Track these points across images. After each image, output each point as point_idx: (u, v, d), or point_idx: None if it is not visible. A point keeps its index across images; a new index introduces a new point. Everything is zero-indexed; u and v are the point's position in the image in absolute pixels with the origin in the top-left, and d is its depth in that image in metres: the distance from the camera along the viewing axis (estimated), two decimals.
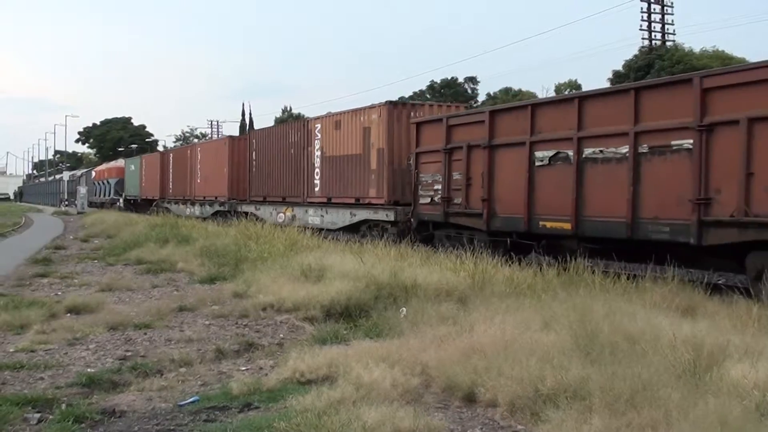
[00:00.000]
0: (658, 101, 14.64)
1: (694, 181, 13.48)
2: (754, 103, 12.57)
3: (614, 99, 16.02)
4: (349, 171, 27.08)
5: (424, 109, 26.14)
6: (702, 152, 13.39)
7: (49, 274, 18.24)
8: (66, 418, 7.01)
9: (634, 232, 14.69)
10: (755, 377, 6.68)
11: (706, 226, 13.34)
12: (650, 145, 14.56)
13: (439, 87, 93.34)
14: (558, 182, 16.72)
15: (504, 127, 18.66)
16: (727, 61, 51.39)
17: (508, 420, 6.75)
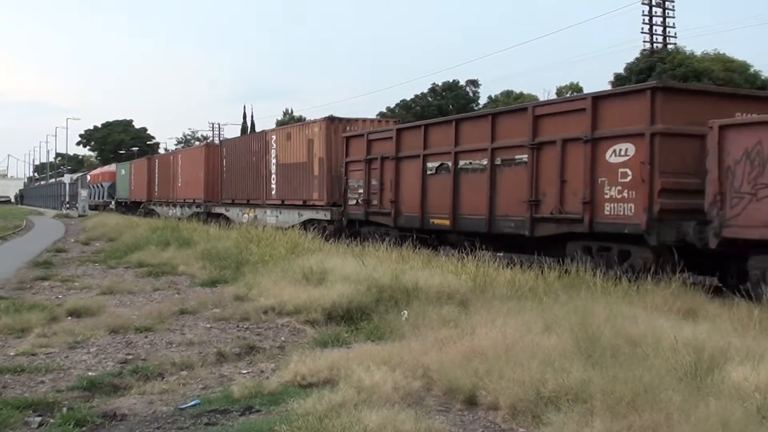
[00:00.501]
0: (506, 124, 18.95)
1: (529, 187, 17.58)
2: (566, 128, 16.77)
3: (479, 121, 20.49)
4: (298, 177, 30.86)
5: (358, 123, 29.57)
6: (533, 164, 17.54)
7: (50, 277, 18.22)
8: (67, 422, 7.01)
9: (492, 227, 18.86)
10: (756, 380, 6.69)
11: (537, 222, 17.41)
12: (502, 159, 18.73)
13: (440, 90, 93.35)
14: (442, 188, 21.00)
15: (406, 142, 23.05)
16: (729, 64, 51.46)
17: (509, 423, 6.75)
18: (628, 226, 15.08)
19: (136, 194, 61.05)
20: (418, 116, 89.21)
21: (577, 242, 16.51)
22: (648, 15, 62.84)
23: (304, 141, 30.68)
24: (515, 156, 18.23)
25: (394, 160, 23.22)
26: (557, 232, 16.94)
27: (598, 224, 15.80)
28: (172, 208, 49.63)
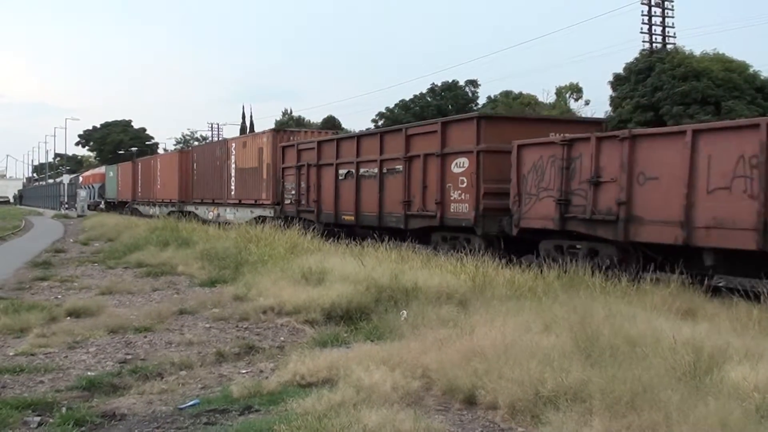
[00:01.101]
0: (390, 141, 23.86)
1: (404, 191, 22.38)
2: (427, 146, 21.58)
3: (372, 138, 25.74)
4: (251, 180, 35.64)
5: (299, 135, 34.93)
6: (406, 173, 22.37)
7: (49, 277, 18.22)
8: (66, 422, 7.02)
9: (381, 222, 23.73)
10: (755, 379, 6.69)
11: (409, 217, 22.20)
12: (387, 168, 23.63)
13: (439, 90, 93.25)
14: (348, 191, 25.85)
15: (325, 152, 28.02)
16: (728, 64, 51.40)
17: (508, 422, 6.76)
18: (464, 220, 19.85)
19: (123, 194, 66.08)
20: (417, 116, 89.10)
21: (437, 233, 21.43)
22: (647, 15, 62.86)
23: (256, 149, 35.44)
24: (395, 166, 23.18)
25: (316, 167, 28.44)
26: (422, 225, 21.80)
27: (447, 219, 20.64)
28: (152, 207, 54.78)
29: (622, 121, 50.92)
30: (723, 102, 48.07)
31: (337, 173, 26.70)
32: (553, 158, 17.31)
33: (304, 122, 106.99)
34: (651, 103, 51.21)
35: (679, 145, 14.24)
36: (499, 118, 24.43)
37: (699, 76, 49.81)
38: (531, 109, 69.49)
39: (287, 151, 31.42)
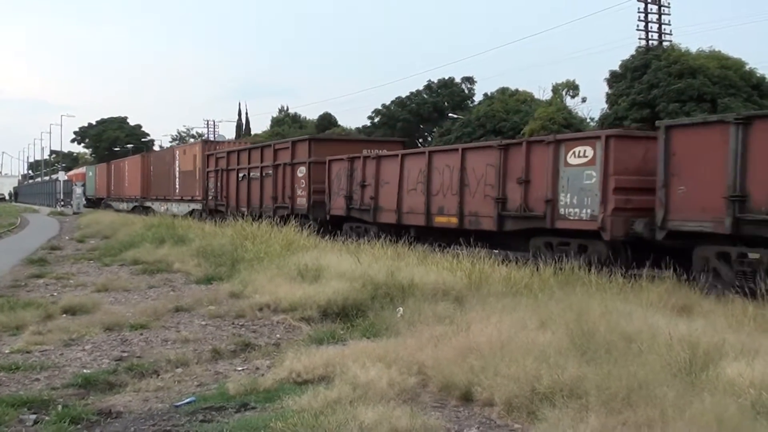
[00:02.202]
0: (266, 153, 32.98)
1: (273, 189, 31.09)
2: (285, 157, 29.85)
3: (256, 150, 34.92)
4: (188, 180, 45.30)
5: (223, 145, 45.63)
6: (274, 176, 31.04)
7: (44, 274, 18.19)
8: (62, 419, 7.02)
9: (262, 211, 30.93)
10: (751, 375, 6.70)
11: (277, 208, 30.45)
12: (265, 172, 32.31)
13: (436, 87, 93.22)
14: (244, 189, 34.80)
15: (231, 160, 37.05)
16: (724, 62, 51.39)
17: (504, 419, 6.76)
18: (304, 208, 28.86)
19: (99, 192, 75.39)
20: (413, 113, 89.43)
21: (296, 218, 26.77)
22: (644, 12, 62.90)
23: (192, 156, 45.39)
24: (268, 171, 32.12)
25: (226, 171, 37.62)
26: (284, 214, 29.13)
27: (295, 209, 29.41)
28: (121, 203, 64.77)
29: (618, 118, 50.97)
30: (719, 99, 48.06)
31: (237, 175, 35.99)
32: (345, 169, 26.29)
33: (300, 119, 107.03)
34: (647, 100, 51.17)
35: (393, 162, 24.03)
36: (324, 140, 36.51)
37: (695, 74, 49.80)
38: (527, 105, 69.40)
39: (210, 159, 40.59)
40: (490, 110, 68.87)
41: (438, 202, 21.66)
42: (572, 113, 64.80)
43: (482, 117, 68.49)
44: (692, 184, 14.37)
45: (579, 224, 16.71)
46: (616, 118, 51.07)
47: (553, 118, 59.35)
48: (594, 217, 16.17)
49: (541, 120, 59.24)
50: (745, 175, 13.44)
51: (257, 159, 34.01)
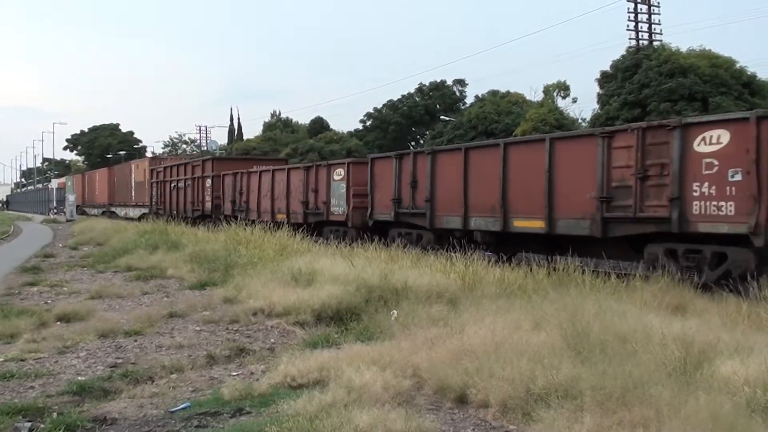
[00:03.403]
0: (188, 167, 43.70)
1: (193, 196, 42.21)
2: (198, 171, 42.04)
3: (182, 165, 45.34)
4: (140, 190, 55.90)
5: (167, 160, 55.91)
6: (193, 186, 42.02)
7: (38, 282, 18.12)
8: (57, 427, 6.99)
9: (186, 213, 41.79)
10: (745, 373, 6.72)
11: (194, 211, 41.90)
12: (187, 183, 42.80)
13: (427, 90, 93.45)
14: (174, 196, 45.13)
15: (165, 173, 47.73)
16: (714, 60, 51.53)
17: (499, 420, 6.77)
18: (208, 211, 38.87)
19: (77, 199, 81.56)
20: (405, 116, 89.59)
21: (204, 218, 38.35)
22: (634, 12, 63.07)
23: (143, 169, 56.03)
24: (189, 182, 43.07)
25: (162, 182, 48.67)
26: (197, 215, 41.03)
27: (204, 211, 40.08)
28: (93, 209, 74.88)
29: (609, 118, 51.04)
30: (710, 98, 48.18)
31: (170, 186, 46.76)
32: (233, 180, 36.99)
33: (293, 123, 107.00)
34: (638, 100, 51.30)
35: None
36: (223, 159, 52.58)
37: (686, 73, 49.93)
38: (519, 107, 69.53)
39: (153, 172, 51.58)
40: (482, 112, 69.04)
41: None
42: (564, 114, 64.89)
43: (474, 119, 68.67)
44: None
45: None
46: (607, 118, 51.16)
47: (545, 119, 59.45)
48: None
49: (532, 121, 59.37)
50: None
51: (182, 173, 44.88)
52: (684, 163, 14.31)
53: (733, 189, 13.51)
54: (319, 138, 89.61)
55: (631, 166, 15.43)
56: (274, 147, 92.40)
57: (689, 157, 14.24)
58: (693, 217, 14.15)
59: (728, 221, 13.54)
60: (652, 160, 15.06)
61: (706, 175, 13.94)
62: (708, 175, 13.92)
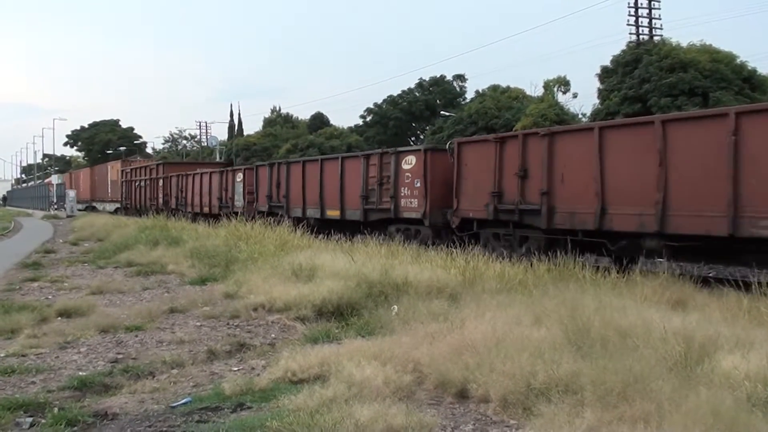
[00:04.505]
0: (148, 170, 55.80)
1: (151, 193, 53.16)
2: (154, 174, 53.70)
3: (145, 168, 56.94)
4: (115, 187, 66.62)
5: (136, 162, 67.86)
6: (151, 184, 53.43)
7: (39, 278, 18.14)
8: (58, 422, 7.00)
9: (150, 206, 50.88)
10: (746, 368, 6.71)
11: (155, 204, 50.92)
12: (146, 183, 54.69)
13: (427, 85, 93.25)
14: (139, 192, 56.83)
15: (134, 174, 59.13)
16: (715, 55, 51.44)
17: (500, 415, 6.76)
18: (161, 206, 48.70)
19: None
20: (405, 111, 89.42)
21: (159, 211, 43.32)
22: (634, 7, 63.01)
23: (116, 170, 67.09)
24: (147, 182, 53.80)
25: (131, 180, 58.97)
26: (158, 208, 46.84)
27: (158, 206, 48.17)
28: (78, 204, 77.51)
29: (609, 113, 50.91)
30: (711, 93, 48.10)
31: (137, 184, 57.54)
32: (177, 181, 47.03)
33: (293, 119, 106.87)
34: (638, 95, 51.19)
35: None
36: (172, 163, 60.82)
37: (686, 68, 49.81)
38: (519, 102, 69.47)
39: (123, 172, 63.08)
40: (482, 107, 68.88)
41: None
42: (564, 109, 64.78)
43: (474, 114, 68.51)
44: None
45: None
46: (608, 113, 51.03)
47: (545, 114, 59.37)
48: None
49: (533, 116, 59.23)
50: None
51: (144, 174, 56.25)
52: (397, 175, 23.91)
53: (416, 191, 23.09)
54: (319, 133, 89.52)
55: (375, 177, 25.08)
56: (274, 143, 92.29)
57: (400, 171, 23.88)
58: (401, 208, 23.86)
59: (415, 210, 23.21)
60: (385, 173, 24.62)
61: (406, 183, 23.68)
62: (407, 183, 23.64)
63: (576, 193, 17.16)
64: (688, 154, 14.63)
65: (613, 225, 16.15)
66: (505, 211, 19.28)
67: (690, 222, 14.48)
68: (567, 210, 17.41)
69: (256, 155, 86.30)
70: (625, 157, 15.96)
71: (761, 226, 13.14)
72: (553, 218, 17.78)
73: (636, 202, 15.55)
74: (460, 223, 21.10)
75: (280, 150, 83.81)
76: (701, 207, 14.23)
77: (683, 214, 14.60)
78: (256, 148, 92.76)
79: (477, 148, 20.87)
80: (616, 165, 16.13)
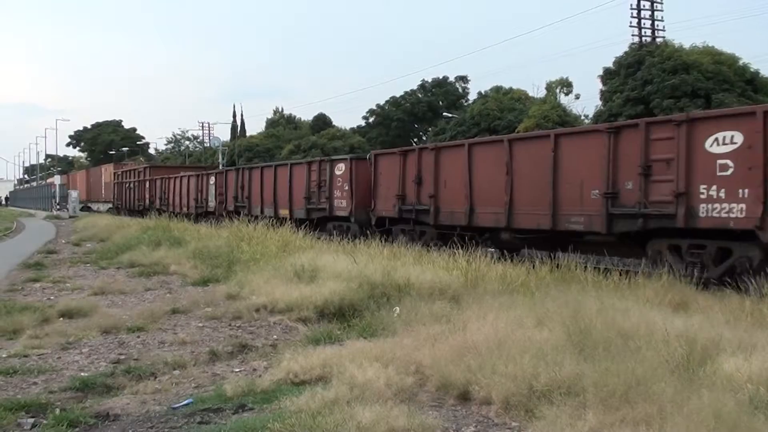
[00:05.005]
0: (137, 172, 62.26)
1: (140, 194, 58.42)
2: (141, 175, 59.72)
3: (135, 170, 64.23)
4: (108, 189, 72.07)
5: (127, 165, 75.82)
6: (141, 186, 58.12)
7: (41, 278, 18.14)
8: (60, 423, 7.01)
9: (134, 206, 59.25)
10: (748, 371, 6.71)
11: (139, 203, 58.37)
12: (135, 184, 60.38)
13: (430, 86, 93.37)
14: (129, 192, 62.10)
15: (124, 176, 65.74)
16: (717, 57, 51.48)
17: (502, 417, 6.75)
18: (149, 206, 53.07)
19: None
20: (407, 112, 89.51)
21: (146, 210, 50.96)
22: (636, 9, 63.09)
23: (109, 173, 73.29)
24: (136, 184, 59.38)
25: (122, 182, 64.69)
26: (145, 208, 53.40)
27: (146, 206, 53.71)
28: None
29: (612, 115, 50.93)
30: (713, 95, 48.12)
31: (125, 186, 63.46)
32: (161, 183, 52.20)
33: (295, 120, 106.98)
34: (641, 96, 51.24)
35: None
36: (158, 166, 65.75)
37: (689, 69, 49.85)
38: (521, 104, 69.52)
39: (115, 175, 69.43)
40: (485, 109, 68.95)
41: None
42: (566, 111, 64.83)
43: (477, 116, 68.58)
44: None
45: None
46: (610, 115, 51.05)
47: (548, 115, 59.39)
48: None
49: (535, 118, 59.30)
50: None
51: (133, 176, 62.06)
52: (331, 180, 27.92)
53: (345, 194, 27.26)
54: (322, 134, 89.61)
55: (315, 181, 29.16)
56: (277, 144, 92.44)
57: (333, 177, 27.90)
58: (334, 208, 27.81)
59: (344, 210, 27.18)
60: (322, 178, 28.65)
61: (338, 186, 27.71)
62: (338, 186, 27.71)
63: (454, 196, 21.50)
64: (526, 166, 18.84)
65: (479, 221, 20.50)
66: (407, 211, 23.70)
67: (528, 219, 18.68)
68: (448, 210, 21.86)
69: (259, 156, 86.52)
70: (486, 167, 20.31)
71: (572, 221, 17.29)
72: (438, 216, 22.24)
73: (493, 203, 19.83)
74: (376, 220, 25.58)
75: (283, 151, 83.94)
76: (535, 207, 18.33)
77: (523, 213, 18.85)
78: (259, 149, 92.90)
79: (388, 159, 25.42)
80: (480, 174, 20.50)
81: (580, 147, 17.28)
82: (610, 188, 16.09)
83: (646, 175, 15.30)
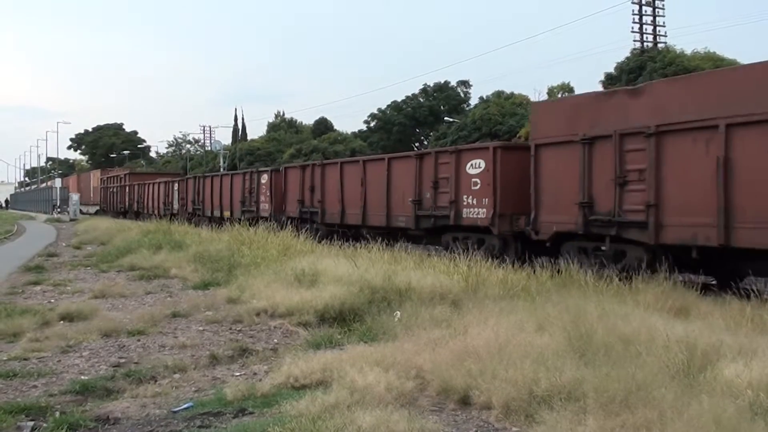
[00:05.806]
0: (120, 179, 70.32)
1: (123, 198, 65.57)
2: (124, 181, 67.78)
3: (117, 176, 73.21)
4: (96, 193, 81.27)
5: (112, 171, 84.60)
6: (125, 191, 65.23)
7: (41, 281, 18.14)
8: (60, 426, 7.00)
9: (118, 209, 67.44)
10: (749, 376, 6.70)
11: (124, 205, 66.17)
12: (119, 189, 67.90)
13: (431, 91, 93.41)
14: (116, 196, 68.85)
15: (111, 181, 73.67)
16: (719, 62, 51.50)
17: (502, 422, 6.75)
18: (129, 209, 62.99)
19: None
20: (409, 117, 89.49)
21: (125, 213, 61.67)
22: (638, 14, 63.19)
23: (97, 178, 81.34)
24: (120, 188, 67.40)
25: (108, 187, 72.65)
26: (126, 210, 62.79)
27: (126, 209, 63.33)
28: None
29: None
30: None
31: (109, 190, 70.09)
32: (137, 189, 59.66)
33: (297, 124, 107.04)
34: None
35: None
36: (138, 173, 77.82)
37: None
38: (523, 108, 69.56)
39: (102, 180, 76.71)
40: (486, 113, 69.01)
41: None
42: None
43: (478, 120, 68.62)
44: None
45: None
46: None
47: None
48: None
49: None
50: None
51: (116, 181, 69.58)
52: (258, 187, 34.36)
53: (267, 198, 33.54)
54: (323, 139, 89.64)
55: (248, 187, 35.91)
56: (278, 147, 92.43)
57: (259, 185, 34.12)
58: (260, 210, 34.47)
59: (267, 212, 33.13)
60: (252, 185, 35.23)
61: (263, 192, 34.05)
62: (263, 193, 33.79)
63: (332, 201, 28.11)
64: (374, 180, 25.38)
65: (347, 220, 27.05)
66: (305, 212, 30.60)
67: (375, 218, 25.23)
68: (330, 211, 28.46)
69: (260, 160, 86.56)
70: (351, 180, 26.81)
71: (399, 221, 23.77)
72: (324, 216, 28.85)
73: (355, 207, 26.35)
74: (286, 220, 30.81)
75: (284, 155, 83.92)
76: (378, 210, 24.93)
77: (372, 214, 25.46)
78: (260, 153, 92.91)
79: (293, 171, 32.09)
80: (348, 185, 27.04)
81: (402, 168, 23.81)
82: (417, 197, 22.60)
83: (435, 188, 21.82)
